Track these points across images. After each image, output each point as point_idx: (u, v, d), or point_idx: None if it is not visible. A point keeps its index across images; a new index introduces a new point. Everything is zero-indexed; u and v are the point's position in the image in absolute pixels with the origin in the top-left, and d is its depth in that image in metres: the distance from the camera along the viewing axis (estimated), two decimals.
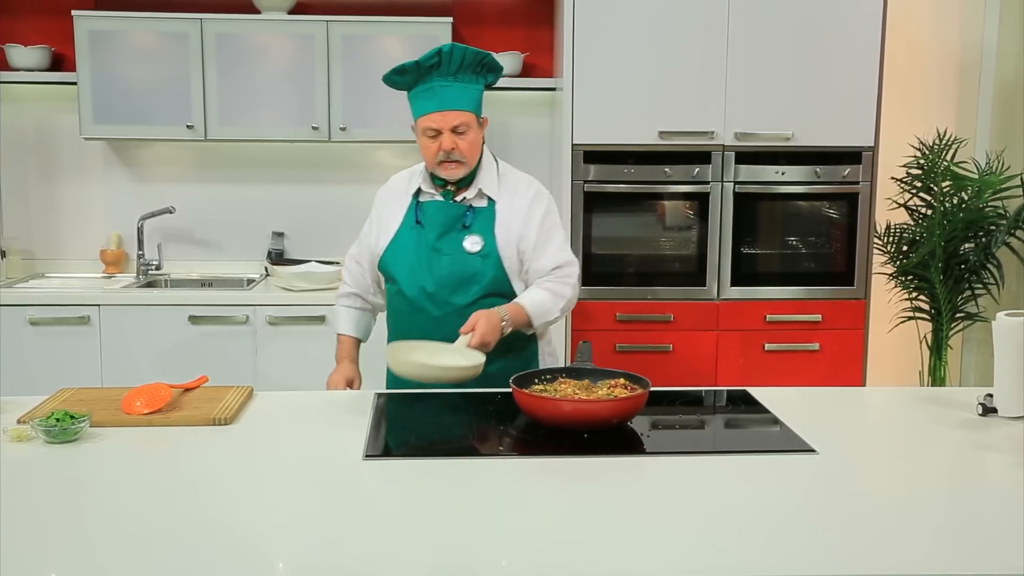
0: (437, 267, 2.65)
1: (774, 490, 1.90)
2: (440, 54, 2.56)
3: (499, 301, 2.65)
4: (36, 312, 3.96)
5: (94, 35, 4.10)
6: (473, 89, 2.62)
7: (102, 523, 1.73)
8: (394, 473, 1.98)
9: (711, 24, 4.00)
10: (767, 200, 4.15)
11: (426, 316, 2.67)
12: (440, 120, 2.58)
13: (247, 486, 1.91)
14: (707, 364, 4.15)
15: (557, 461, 2.04)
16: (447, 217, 2.68)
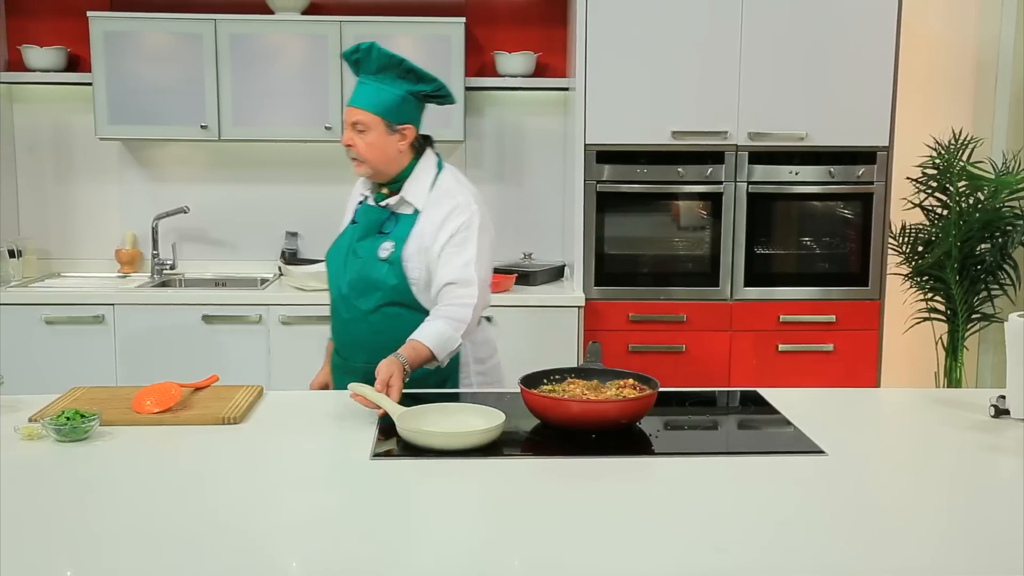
0: (351, 269, 2.67)
1: (781, 492, 1.89)
2: (358, 50, 2.61)
3: (399, 311, 2.61)
4: (51, 311, 3.98)
5: (109, 36, 4.13)
6: (389, 92, 2.58)
7: (112, 522, 1.73)
8: (402, 473, 1.98)
9: (725, 23, 3.99)
10: (781, 200, 4.13)
11: (337, 318, 2.74)
12: (346, 114, 2.63)
13: (256, 485, 1.92)
14: (720, 365, 4.13)
15: (565, 462, 2.04)
16: (370, 220, 2.69)
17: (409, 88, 2.62)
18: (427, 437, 2.09)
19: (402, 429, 2.13)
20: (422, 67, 2.66)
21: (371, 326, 2.64)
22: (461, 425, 2.15)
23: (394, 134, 2.61)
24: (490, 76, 4.39)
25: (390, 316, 2.62)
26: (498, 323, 4.03)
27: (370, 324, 2.64)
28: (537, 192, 4.60)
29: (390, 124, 2.60)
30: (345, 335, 2.72)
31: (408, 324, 2.57)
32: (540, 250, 4.54)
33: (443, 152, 4.54)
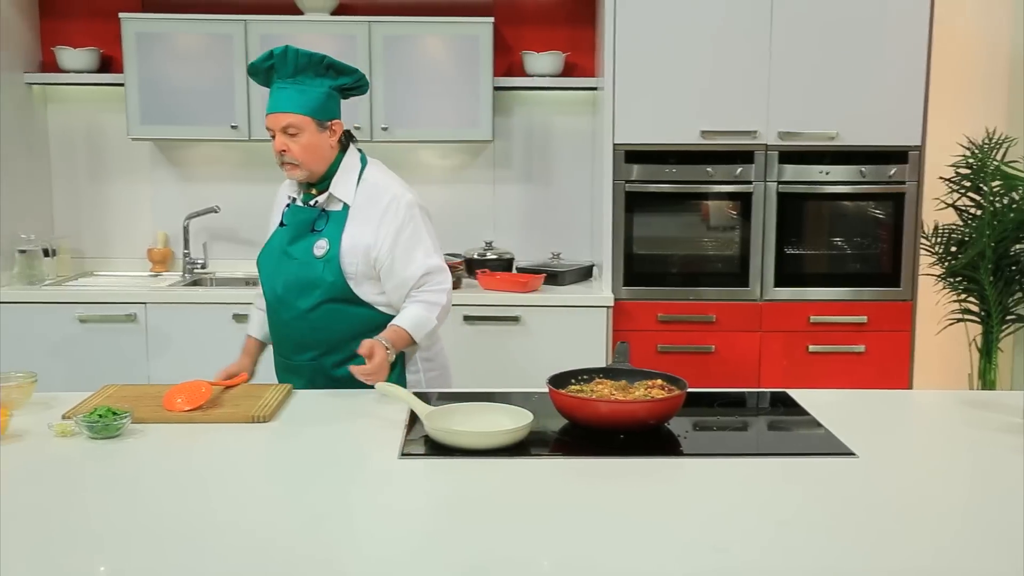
0: (286, 271, 2.68)
1: (810, 493, 1.87)
2: (272, 56, 2.58)
3: (340, 307, 2.65)
4: (85, 310, 4.02)
5: (141, 37, 4.16)
6: (312, 91, 2.59)
7: (142, 518, 1.75)
8: (430, 472, 1.99)
9: (755, 22, 3.97)
10: (811, 200, 4.10)
11: (277, 318, 2.73)
12: (272, 122, 2.60)
13: (284, 484, 1.93)
14: (750, 366, 4.11)
15: (593, 462, 2.04)
16: (300, 220, 2.69)
17: (331, 84, 2.64)
18: (455, 436, 2.09)
19: (430, 428, 2.13)
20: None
21: (311, 323, 2.66)
22: (489, 425, 2.15)
23: (324, 131, 2.62)
24: (518, 76, 4.39)
25: (330, 312, 2.65)
26: (526, 321, 4.03)
27: (310, 322, 2.65)
28: (565, 192, 4.59)
29: (320, 122, 2.61)
30: (286, 335, 2.72)
31: (348, 318, 2.66)
32: (568, 250, 4.53)
33: (471, 151, 4.57)
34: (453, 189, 4.59)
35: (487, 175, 4.59)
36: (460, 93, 4.21)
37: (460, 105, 4.23)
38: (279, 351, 2.79)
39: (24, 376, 2.40)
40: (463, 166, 4.59)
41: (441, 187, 4.58)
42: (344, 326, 2.65)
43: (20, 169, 4.26)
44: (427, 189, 4.57)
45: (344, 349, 2.62)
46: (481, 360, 4.02)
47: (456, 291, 4.09)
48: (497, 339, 4.04)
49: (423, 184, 4.57)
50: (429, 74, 4.20)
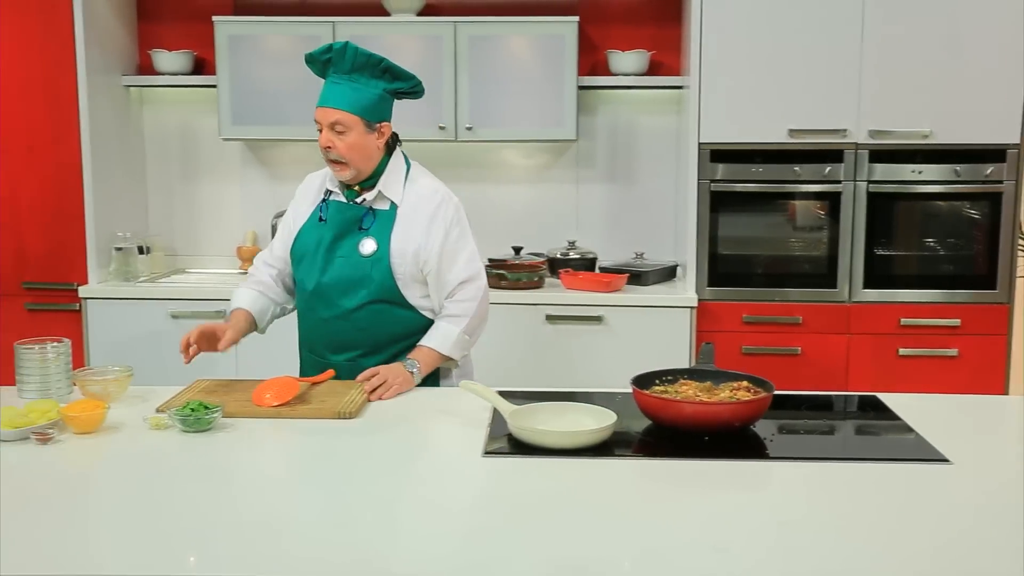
0: (330, 268, 2.65)
1: (903, 499, 1.83)
2: (332, 50, 2.58)
3: (386, 307, 2.64)
4: (177, 306, 4.13)
5: (233, 39, 4.25)
6: (366, 91, 2.59)
7: (230, 510, 1.79)
8: (514, 470, 1.99)
9: (845, 17, 3.88)
10: (903, 200, 4.00)
11: (316, 316, 2.70)
12: (321, 115, 2.60)
13: (368, 479, 1.95)
14: (837, 368, 4.03)
15: (677, 463, 2.02)
16: (345, 217, 2.66)
17: (386, 86, 2.63)
18: (538, 436, 2.09)
19: (514, 427, 2.14)
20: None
21: (355, 323, 2.65)
22: (572, 424, 2.15)
23: (372, 132, 2.61)
24: (603, 75, 4.38)
25: (375, 312, 2.65)
26: (609, 321, 4.02)
27: (354, 322, 2.64)
28: (649, 191, 4.56)
29: (369, 123, 2.59)
30: (323, 333, 2.69)
31: (393, 320, 2.66)
32: (652, 250, 4.50)
33: (555, 151, 4.57)
34: (536, 189, 4.60)
35: (570, 174, 4.58)
36: (544, 92, 4.22)
37: (544, 105, 4.23)
38: (311, 349, 2.76)
39: (121, 370, 2.48)
40: (547, 165, 4.59)
41: (524, 187, 4.59)
42: (388, 328, 2.66)
43: (117, 169, 4.39)
44: (510, 189, 4.60)
45: (385, 351, 2.63)
46: (563, 359, 4.02)
47: (538, 290, 4.12)
48: (579, 339, 4.03)
49: (506, 184, 4.60)
50: (514, 74, 4.21)
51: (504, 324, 4.04)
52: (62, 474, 1.98)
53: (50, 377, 2.40)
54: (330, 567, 1.54)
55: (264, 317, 2.78)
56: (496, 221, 4.58)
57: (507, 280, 4.10)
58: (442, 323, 2.67)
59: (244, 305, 2.75)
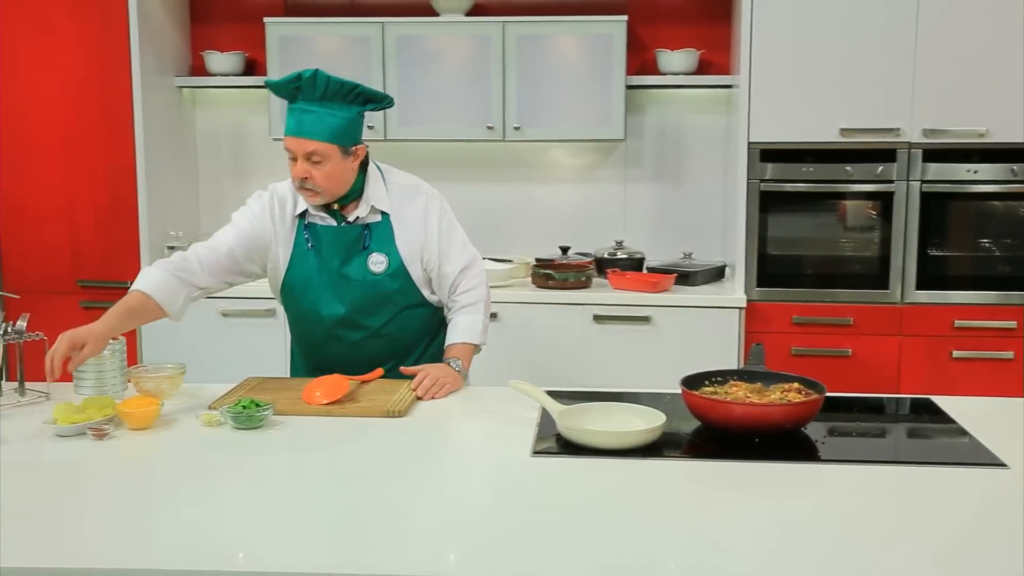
0: (348, 293, 2.61)
1: (958, 504, 1.80)
2: (300, 79, 2.46)
3: (414, 311, 2.67)
4: (227, 304, 4.17)
5: (284, 40, 4.29)
6: (338, 117, 2.48)
7: (280, 507, 1.81)
8: (562, 470, 1.99)
9: (899, 15, 3.83)
10: (957, 200, 3.94)
11: (344, 342, 2.65)
12: (294, 145, 2.48)
13: (417, 478, 1.96)
14: (889, 371, 3.98)
15: (727, 465, 2.01)
16: (345, 241, 2.60)
17: (359, 109, 2.54)
18: (587, 435, 2.09)
19: (562, 427, 2.13)
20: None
21: (388, 338, 2.65)
22: (621, 425, 2.14)
23: (348, 157, 2.52)
24: (651, 74, 4.35)
25: (403, 320, 2.67)
26: (656, 322, 4.00)
27: (387, 336, 2.65)
28: (697, 191, 4.53)
29: (345, 149, 2.51)
30: (356, 355, 2.62)
31: (419, 321, 2.70)
32: (700, 250, 4.47)
33: (602, 150, 4.56)
34: (584, 188, 4.59)
35: (618, 174, 4.56)
36: (592, 92, 4.21)
37: (592, 104, 4.22)
38: (344, 372, 2.57)
39: (174, 367, 2.51)
40: (594, 165, 4.58)
41: (572, 186, 4.59)
42: (417, 330, 2.70)
43: (169, 169, 4.45)
44: (558, 188, 4.60)
45: (416, 351, 2.64)
46: (610, 360, 4.01)
47: (586, 290, 4.11)
48: (627, 339, 4.02)
49: (554, 183, 4.60)
50: (562, 73, 4.20)
51: (551, 324, 4.04)
52: (117, 469, 2.02)
53: (105, 374, 2.44)
54: (379, 565, 1.55)
55: (175, 302, 2.51)
56: (543, 221, 4.58)
57: (554, 280, 4.10)
58: (463, 315, 2.70)
59: (147, 290, 2.48)
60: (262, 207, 2.64)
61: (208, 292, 2.63)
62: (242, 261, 2.62)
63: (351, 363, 2.61)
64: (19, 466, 2.01)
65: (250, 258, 2.63)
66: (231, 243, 2.61)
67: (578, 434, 2.09)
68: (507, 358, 3.87)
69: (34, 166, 4.26)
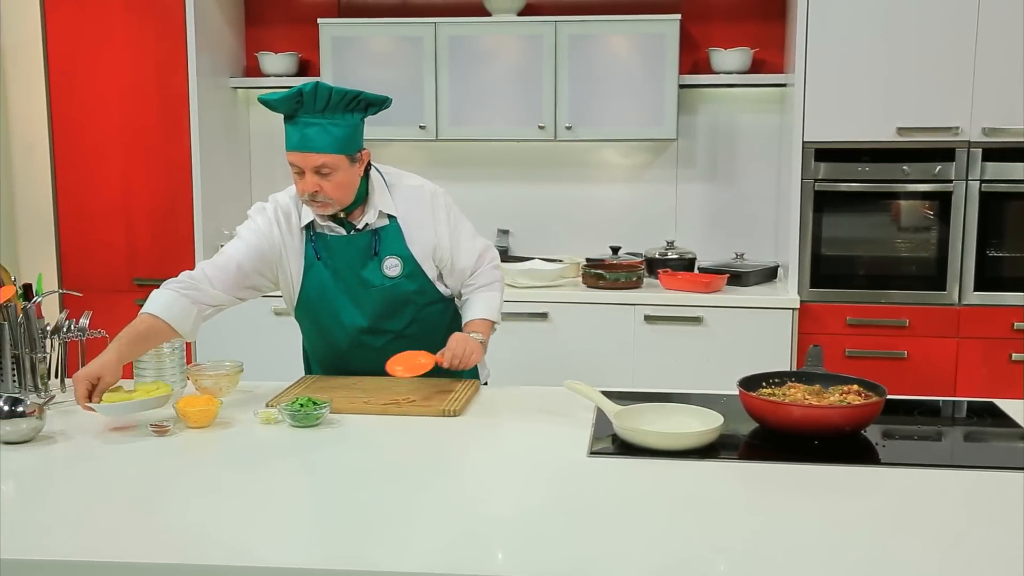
0: (367, 300, 2.60)
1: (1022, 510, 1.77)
2: (302, 95, 2.42)
3: (431, 308, 2.68)
4: (279, 303, 4.11)
5: (337, 41, 4.32)
6: (341, 127, 2.45)
7: (337, 504, 1.82)
8: (618, 471, 1.98)
9: (958, 11, 3.77)
10: (1017, 200, 3.86)
11: (368, 349, 2.64)
12: (301, 160, 2.45)
13: (472, 477, 1.97)
14: (946, 373, 3.92)
15: (785, 467, 1.99)
16: (356, 250, 2.59)
17: (361, 116, 2.53)
18: (644, 436, 2.08)
19: (619, 427, 2.13)
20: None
21: (411, 338, 2.65)
22: (678, 426, 2.13)
23: (355, 164, 2.51)
24: (704, 73, 4.33)
25: (424, 319, 2.68)
26: (708, 322, 3.98)
27: (410, 337, 2.65)
28: (750, 191, 4.50)
29: (351, 157, 2.49)
30: (378, 361, 2.56)
31: (439, 316, 2.72)
32: (752, 250, 4.44)
33: (654, 150, 4.54)
34: (635, 188, 4.57)
35: (670, 174, 4.54)
36: (645, 91, 4.19)
37: (644, 103, 4.20)
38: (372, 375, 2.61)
39: (232, 365, 2.54)
40: (646, 165, 4.56)
41: (623, 186, 4.57)
42: (435, 326, 2.70)
43: (224, 169, 4.51)
44: (609, 188, 4.59)
45: (438, 344, 2.59)
46: (661, 360, 3.99)
47: (637, 290, 4.09)
48: (678, 339, 4.00)
49: (605, 183, 4.59)
50: (614, 72, 4.19)
51: (602, 324, 4.03)
52: (178, 466, 2.04)
53: (165, 371, 2.47)
54: (435, 563, 1.55)
55: (186, 321, 2.47)
56: (594, 221, 4.58)
57: (605, 280, 4.09)
58: (480, 293, 2.71)
59: (159, 313, 2.46)
60: (267, 220, 2.60)
61: (220, 309, 2.58)
62: (252, 275, 2.59)
63: (377, 369, 2.56)
64: (80, 462, 2.05)
65: (260, 271, 2.60)
66: (239, 258, 2.57)
67: (635, 435, 2.09)
68: (557, 358, 3.87)
69: (93, 166, 4.33)
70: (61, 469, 2.03)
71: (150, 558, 1.57)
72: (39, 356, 2.46)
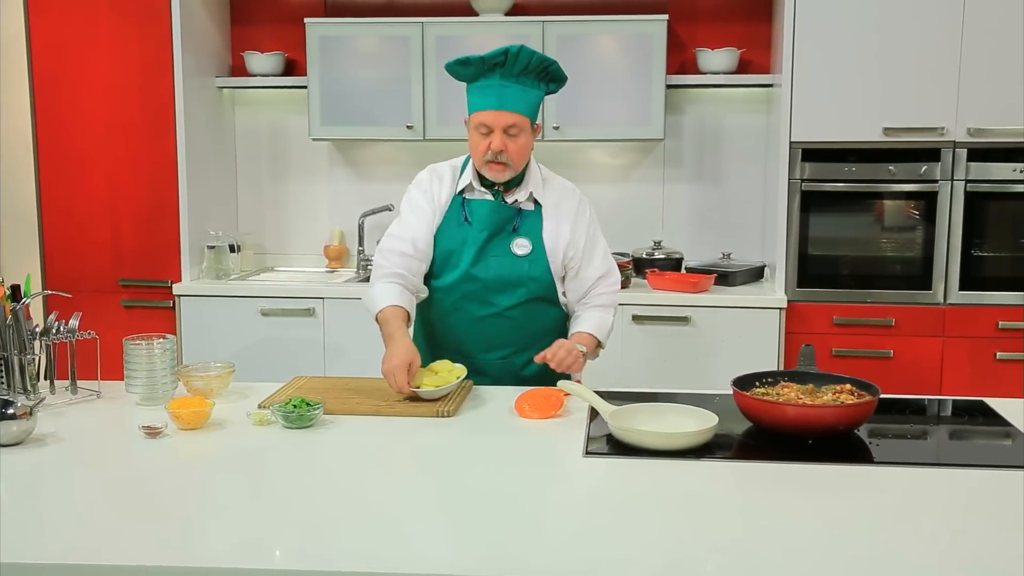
0: (484, 267, 2.64)
1: (1020, 509, 1.78)
2: (507, 54, 2.52)
3: (543, 305, 2.68)
4: (267, 303, 4.19)
5: (324, 41, 4.31)
6: (532, 93, 2.58)
7: (331, 506, 1.81)
8: (614, 471, 1.98)
9: (944, 12, 3.79)
10: (1002, 200, 3.90)
11: (467, 315, 2.67)
12: (494, 118, 2.54)
13: (468, 478, 1.96)
14: (931, 372, 3.94)
15: (780, 467, 1.99)
16: (498, 218, 2.65)
17: (546, 89, 2.63)
18: (639, 436, 2.08)
19: (614, 428, 2.13)
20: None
21: (513, 321, 2.67)
22: (673, 426, 2.14)
23: (534, 135, 2.63)
24: (691, 73, 4.34)
25: (531, 310, 2.68)
26: (696, 322, 3.99)
27: (512, 319, 2.66)
28: (737, 191, 4.51)
29: (532, 125, 2.61)
30: (475, 332, 2.67)
31: (545, 317, 2.71)
32: (739, 250, 4.45)
33: (641, 150, 4.55)
34: (622, 188, 4.58)
35: (657, 174, 4.55)
36: (632, 91, 4.19)
37: (632, 103, 4.21)
38: (456, 349, 2.69)
39: (223, 366, 2.52)
40: (633, 165, 4.57)
41: (610, 186, 4.58)
42: (540, 324, 2.70)
43: (210, 169, 4.48)
44: (596, 188, 4.58)
45: (535, 347, 2.63)
46: (649, 360, 3.99)
47: (625, 290, 4.09)
48: (666, 339, 4.01)
49: (592, 183, 4.58)
50: (602, 73, 4.19)
51: None
52: (171, 468, 2.03)
53: (156, 373, 2.45)
54: (430, 564, 1.55)
55: (412, 311, 2.65)
56: None
57: None
58: (594, 311, 2.71)
59: (399, 303, 2.59)
60: (425, 192, 2.72)
61: (420, 298, 2.73)
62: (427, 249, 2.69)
63: (470, 340, 2.66)
64: (71, 465, 2.04)
65: (429, 243, 2.70)
66: (420, 243, 2.67)
67: (631, 435, 2.09)
68: None
69: (78, 167, 4.30)
70: (52, 471, 2.01)
71: (143, 561, 1.56)
72: (28, 358, 2.44)
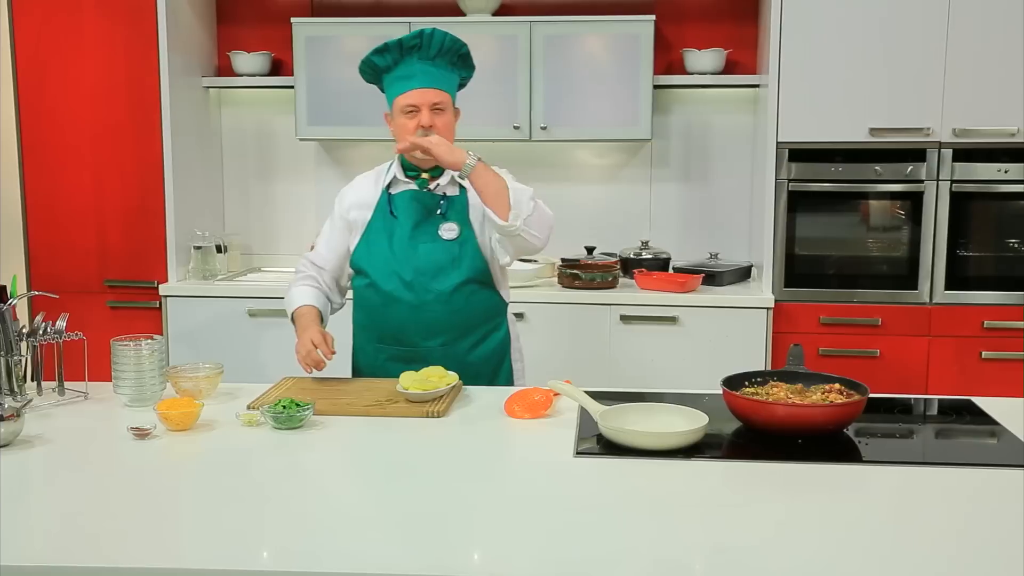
0: (414, 256, 2.67)
1: (1010, 507, 1.79)
2: (422, 36, 2.63)
3: (478, 288, 2.70)
4: (254, 304, 4.18)
5: (311, 41, 4.30)
6: (450, 75, 2.69)
7: (321, 507, 1.80)
8: (604, 471, 1.98)
9: (929, 13, 3.81)
10: (987, 200, 3.92)
11: (403, 305, 2.68)
12: (419, 97, 2.62)
13: (458, 478, 1.96)
14: (917, 371, 3.96)
15: (769, 466, 2.00)
16: (422, 207, 2.70)
17: (459, 73, 2.73)
18: (630, 436, 2.08)
19: (605, 428, 2.13)
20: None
21: (451, 305, 2.67)
22: (663, 426, 2.14)
23: (455, 117, 2.72)
24: (678, 74, 4.35)
25: (468, 294, 2.69)
26: (683, 322, 4.00)
27: (450, 304, 2.67)
28: (724, 191, 4.52)
29: (453, 105, 2.71)
30: (414, 321, 2.68)
31: (483, 300, 2.73)
32: (726, 250, 4.47)
33: (629, 150, 4.55)
34: (610, 188, 4.58)
35: (644, 174, 4.56)
36: (619, 92, 4.20)
37: (619, 104, 4.21)
38: (398, 341, 2.71)
39: (212, 367, 2.51)
40: (620, 165, 4.57)
41: (598, 186, 4.58)
42: (479, 308, 2.72)
43: (196, 169, 4.46)
44: (584, 188, 4.59)
45: (475, 332, 2.68)
46: (637, 360, 4.00)
47: (612, 290, 4.10)
48: (653, 339, 4.01)
49: (580, 183, 4.59)
50: (589, 73, 4.20)
51: (577, 324, 4.04)
52: (160, 470, 2.02)
53: (144, 374, 2.44)
54: (415, 566, 1.54)
55: (326, 313, 2.83)
56: (569, 221, 4.56)
57: (580, 280, 4.10)
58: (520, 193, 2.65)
59: (311, 302, 2.78)
60: (346, 207, 2.83)
61: (335, 304, 2.90)
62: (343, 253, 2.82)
63: (409, 329, 2.68)
64: (60, 466, 2.02)
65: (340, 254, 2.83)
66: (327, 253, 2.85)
67: (621, 435, 2.09)
68: (533, 358, 3.85)
69: (64, 167, 4.27)
70: (40, 473, 2.00)
71: (132, 562, 1.55)
72: (15, 359, 2.42)
